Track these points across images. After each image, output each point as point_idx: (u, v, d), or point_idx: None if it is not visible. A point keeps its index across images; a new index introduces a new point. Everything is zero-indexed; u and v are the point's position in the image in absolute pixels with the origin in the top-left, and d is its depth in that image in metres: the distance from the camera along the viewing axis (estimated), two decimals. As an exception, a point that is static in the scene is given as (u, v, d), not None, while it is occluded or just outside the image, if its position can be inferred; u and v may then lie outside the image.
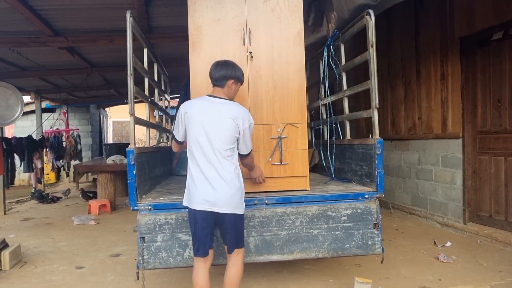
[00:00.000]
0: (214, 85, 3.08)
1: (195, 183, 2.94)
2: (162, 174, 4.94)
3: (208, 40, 3.61)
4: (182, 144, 3.15)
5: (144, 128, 4.49)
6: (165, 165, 5.34)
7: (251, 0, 3.64)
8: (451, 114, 5.74)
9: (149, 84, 4.56)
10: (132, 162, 3.37)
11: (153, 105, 4.98)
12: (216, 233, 3.20)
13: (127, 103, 3.45)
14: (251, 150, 3.16)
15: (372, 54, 3.58)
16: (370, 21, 3.59)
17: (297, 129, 3.68)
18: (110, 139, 21.29)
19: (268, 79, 3.66)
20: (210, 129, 2.92)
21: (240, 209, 2.99)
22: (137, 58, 3.70)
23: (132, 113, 3.44)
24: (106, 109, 18.49)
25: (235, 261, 3.06)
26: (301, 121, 3.70)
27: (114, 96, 13.18)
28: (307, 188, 3.72)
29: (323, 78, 4.86)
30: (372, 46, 3.57)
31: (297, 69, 3.68)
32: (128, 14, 3.41)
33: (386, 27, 7.11)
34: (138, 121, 3.76)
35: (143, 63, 4.32)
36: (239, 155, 3.11)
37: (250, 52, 3.62)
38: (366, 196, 3.57)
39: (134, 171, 3.37)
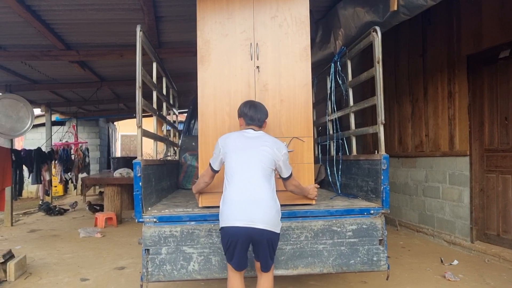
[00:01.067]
0: (250, 124, 3.23)
1: (235, 203, 2.98)
2: (168, 187, 4.95)
3: (216, 54, 3.67)
4: (217, 173, 3.31)
5: (152, 143, 4.54)
6: (172, 178, 5.36)
7: (259, 16, 3.71)
8: (458, 132, 5.73)
9: (158, 97, 4.62)
10: (139, 174, 3.39)
11: (161, 119, 5.03)
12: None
13: (135, 117, 3.49)
14: (291, 172, 3.28)
15: (378, 70, 3.60)
16: (377, 38, 3.62)
17: (303, 143, 3.70)
18: (118, 153, 21.39)
19: (275, 93, 3.69)
20: (251, 153, 3.07)
21: (278, 228, 3.05)
22: (146, 72, 3.76)
23: (139, 126, 3.47)
24: (115, 123, 18.63)
25: (267, 277, 3.13)
26: (307, 135, 3.72)
27: (123, 110, 13.31)
28: (312, 203, 3.72)
29: (330, 94, 4.89)
30: (378, 62, 3.60)
31: (304, 83, 3.72)
32: (138, 28, 3.46)
33: (393, 44, 7.16)
34: (146, 134, 3.80)
35: (152, 77, 4.39)
36: (283, 179, 3.27)
37: (258, 67, 3.66)
38: (372, 211, 3.55)
39: (140, 183, 3.39)
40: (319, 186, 3.81)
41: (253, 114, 3.22)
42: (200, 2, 3.70)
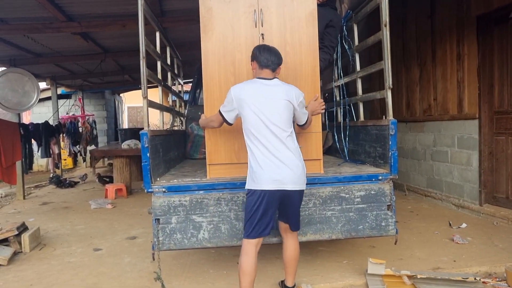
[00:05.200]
0: (264, 67, 3.14)
1: (261, 165, 2.98)
2: (176, 158, 4.97)
3: (219, 22, 3.57)
4: (231, 125, 3.27)
5: (158, 113, 4.53)
6: (179, 148, 5.38)
7: (262, -20, 3.57)
8: (467, 95, 5.64)
9: (162, 67, 4.57)
10: (146, 145, 3.40)
11: (166, 89, 5.00)
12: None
13: (141, 88, 3.47)
14: (308, 116, 3.30)
15: (385, 34, 3.52)
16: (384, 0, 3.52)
17: (310, 111, 3.64)
18: (125, 125, 21.45)
19: (281, 61, 3.61)
20: (269, 112, 3.02)
21: (304, 185, 3.12)
22: (149, 41, 3.70)
23: (145, 96, 3.46)
24: (121, 95, 18.61)
25: (294, 237, 3.26)
26: (314, 103, 3.65)
27: (128, 82, 13.24)
28: (320, 172, 3.69)
29: (337, 59, 4.81)
30: (385, 26, 3.51)
31: (310, 50, 3.62)
32: (139, -4, 3.40)
33: (401, 6, 6.98)
34: (152, 104, 3.78)
35: (155, 47, 4.33)
36: (298, 125, 3.29)
37: (262, 34, 3.57)
38: (380, 177, 3.56)
39: (148, 154, 3.40)
40: (317, 96, 3.60)
41: (267, 57, 3.13)
42: (201, -32, 3.57)
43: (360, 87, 4.44)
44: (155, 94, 4.62)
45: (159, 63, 4.47)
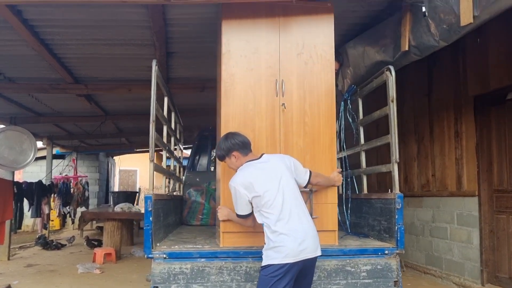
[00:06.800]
0: (246, 153, 3.15)
1: (282, 237, 2.81)
2: (174, 223, 4.88)
3: (241, 88, 3.61)
4: (251, 216, 3.14)
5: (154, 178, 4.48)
6: (177, 214, 5.29)
7: (285, 52, 3.68)
8: (466, 172, 5.70)
9: (167, 132, 4.60)
10: (150, 209, 3.32)
11: (170, 154, 5.01)
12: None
13: (136, 152, 3.47)
14: (310, 173, 3.29)
15: (392, 109, 3.62)
16: (391, 77, 3.66)
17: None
18: (116, 188, 21.21)
19: (300, 130, 3.64)
20: (277, 186, 2.96)
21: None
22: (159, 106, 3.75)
23: (152, 160, 3.45)
24: (115, 157, 18.57)
25: None
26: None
27: (124, 145, 13.25)
28: (335, 243, 3.60)
29: (339, 132, 4.89)
30: (392, 101, 3.62)
31: (328, 121, 3.68)
32: (154, 63, 3.50)
33: (399, 83, 7.17)
34: (157, 169, 3.76)
35: (163, 112, 4.38)
36: (304, 186, 3.26)
37: (283, 104, 3.61)
38: (386, 251, 3.48)
39: (150, 218, 3.32)
40: (341, 170, 3.65)
41: (243, 140, 3.16)
42: (225, 36, 3.65)
43: (364, 159, 4.47)
44: (156, 158, 4.61)
45: (165, 128, 4.50)
